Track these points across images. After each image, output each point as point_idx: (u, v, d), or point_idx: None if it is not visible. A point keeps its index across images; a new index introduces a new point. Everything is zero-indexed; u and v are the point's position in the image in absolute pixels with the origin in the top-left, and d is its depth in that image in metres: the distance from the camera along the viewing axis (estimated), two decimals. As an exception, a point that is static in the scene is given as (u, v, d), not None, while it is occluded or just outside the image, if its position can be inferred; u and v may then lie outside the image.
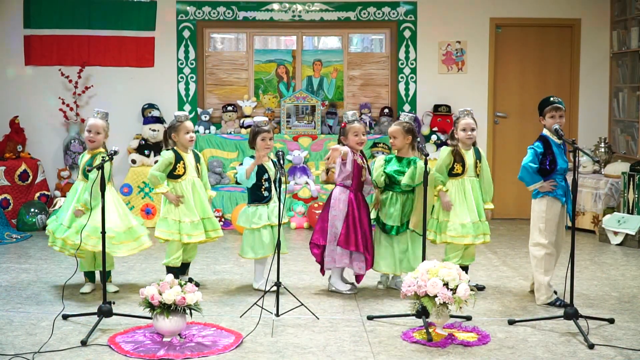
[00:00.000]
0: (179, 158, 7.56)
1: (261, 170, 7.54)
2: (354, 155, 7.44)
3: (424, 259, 6.62)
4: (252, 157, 7.57)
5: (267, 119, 8.12)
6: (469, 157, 7.60)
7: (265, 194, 7.61)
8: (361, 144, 7.55)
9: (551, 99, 7.23)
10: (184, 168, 7.57)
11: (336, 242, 7.44)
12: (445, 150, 7.58)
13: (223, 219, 11.19)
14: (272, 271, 6.92)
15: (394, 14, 12.09)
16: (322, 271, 7.69)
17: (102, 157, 6.63)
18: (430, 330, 6.09)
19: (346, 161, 7.36)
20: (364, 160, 7.55)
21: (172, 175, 7.58)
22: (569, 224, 6.91)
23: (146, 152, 11.44)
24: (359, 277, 7.65)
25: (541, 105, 7.31)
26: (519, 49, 12.21)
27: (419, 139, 7.97)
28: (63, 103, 11.68)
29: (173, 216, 7.52)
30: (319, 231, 7.57)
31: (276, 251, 6.80)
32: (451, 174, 7.56)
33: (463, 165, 7.53)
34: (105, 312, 6.30)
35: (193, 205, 7.58)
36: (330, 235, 7.48)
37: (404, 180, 7.37)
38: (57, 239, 7.37)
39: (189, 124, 7.60)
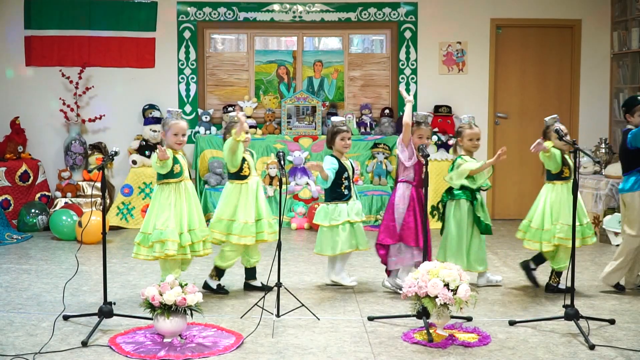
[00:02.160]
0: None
1: (341, 168, 7.59)
2: (415, 152, 7.51)
3: (425, 258, 6.63)
4: (333, 155, 7.60)
5: (343, 118, 8.17)
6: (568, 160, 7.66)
7: (345, 192, 7.64)
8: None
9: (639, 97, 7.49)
10: (248, 169, 7.44)
11: (401, 239, 7.48)
12: (556, 155, 7.55)
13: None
14: (273, 272, 6.92)
15: (394, 14, 12.09)
16: (388, 272, 7.72)
17: (103, 158, 6.59)
18: (430, 331, 6.09)
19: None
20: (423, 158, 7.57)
21: (239, 176, 7.42)
22: None
23: (147, 152, 11.44)
24: None
25: (630, 103, 7.50)
26: (519, 49, 12.21)
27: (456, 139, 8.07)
28: (64, 104, 11.68)
29: (227, 216, 7.41)
30: (385, 231, 7.60)
31: (277, 252, 6.79)
32: (560, 177, 7.57)
33: (569, 169, 7.55)
34: (105, 312, 6.30)
35: (252, 206, 7.42)
36: (396, 233, 7.53)
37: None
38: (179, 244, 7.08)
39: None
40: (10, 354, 5.66)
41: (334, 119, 7.92)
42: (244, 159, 7.40)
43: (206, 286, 7.56)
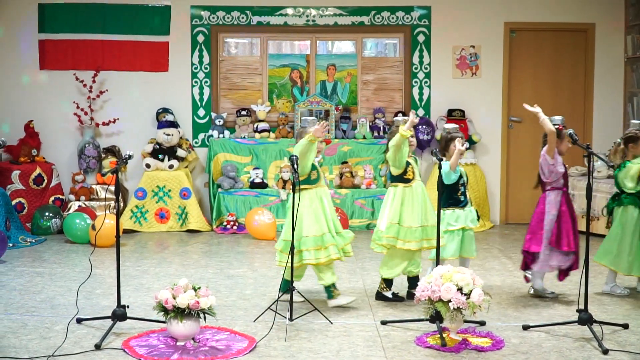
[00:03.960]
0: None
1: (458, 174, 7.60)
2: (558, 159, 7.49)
3: (438, 263, 6.62)
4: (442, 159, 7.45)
5: (456, 125, 8.08)
6: None
7: (462, 198, 7.62)
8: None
9: None
10: (412, 172, 7.40)
11: (549, 243, 7.45)
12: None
13: (237, 224, 11.21)
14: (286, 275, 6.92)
15: (408, 18, 12.08)
16: (527, 279, 7.74)
17: (117, 161, 6.61)
18: (444, 335, 6.08)
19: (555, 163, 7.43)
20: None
21: (403, 179, 7.36)
22: None
23: (160, 156, 11.46)
24: (561, 277, 7.66)
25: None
26: (533, 53, 12.18)
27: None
28: (77, 107, 11.72)
29: (394, 221, 7.30)
30: (532, 239, 7.54)
31: (290, 256, 6.78)
32: None
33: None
34: (119, 316, 6.31)
35: (418, 212, 7.32)
36: (545, 239, 7.47)
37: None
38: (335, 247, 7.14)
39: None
40: (24, 356, 5.68)
41: (447, 125, 7.87)
42: (408, 163, 7.31)
43: (380, 297, 7.52)
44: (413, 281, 7.48)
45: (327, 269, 7.17)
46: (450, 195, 7.58)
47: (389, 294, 7.49)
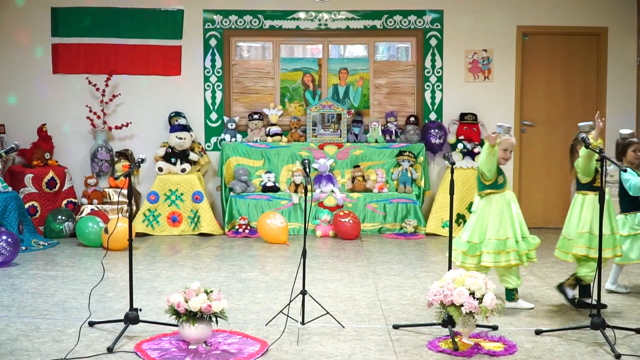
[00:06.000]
0: None
1: None
2: None
3: (450, 267, 6.62)
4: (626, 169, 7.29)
5: (632, 130, 8.00)
6: None
7: None
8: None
9: None
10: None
11: None
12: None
13: (249, 227, 11.22)
14: (298, 279, 6.92)
15: (420, 22, 12.08)
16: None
17: (130, 165, 6.61)
18: (456, 339, 6.07)
19: None
20: None
21: (591, 187, 7.25)
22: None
23: (172, 160, 11.47)
24: None
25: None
26: (545, 57, 12.16)
27: None
28: (90, 111, 11.76)
29: (586, 229, 7.21)
30: None
31: (302, 259, 6.78)
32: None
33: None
34: (131, 319, 6.32)
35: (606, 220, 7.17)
36: None
37: None
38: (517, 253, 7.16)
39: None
40: (37, 359, 5.69)
41: (622, 131, 7.80)
42: (596, 169, 7.20)
43: (562, 291, 7.46)
44: (586, 289, 7.41)
45: (512, 273, 7.22)
46: (633, 199, 7.59)
47: (570, 294, 7.39)
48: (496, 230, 7.12)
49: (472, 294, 5.92)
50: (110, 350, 5.90)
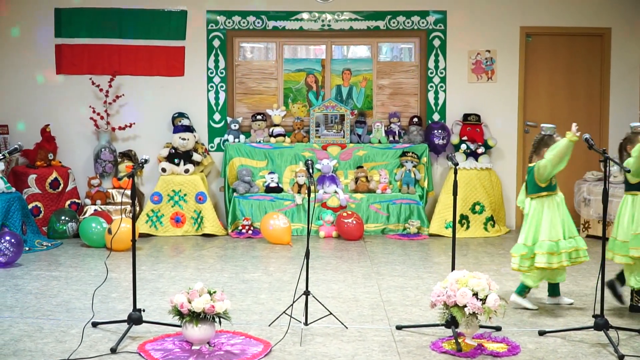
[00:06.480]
0: None
1: None
2: None
3: (453, 267, 6.61)
4: None
5: None
6: None
7: None
8: None
9: None
10: None
11: None
12: None
13: (252, 228, 11.22)
14: (301, 280, 6.92)
15: (423, 23, 12.08)
16: None
17: (133, 166, 6.62)
18: (459, 340, 6.06)
19: None
20: None
21: None
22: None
23: (176, 160, 11.47)
24: None
25: None
26: (549, 58, 12.16)
27: None
28: (94, 112, 11.76)
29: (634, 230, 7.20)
30: None
31: (305, 260, 6.78)
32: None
33: None
34: (135, 319, 6.33)
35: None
36: None
37: None
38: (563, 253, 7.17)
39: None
40: (40, 360, 5.71)
41: (633, 124, 7.69)
42: None
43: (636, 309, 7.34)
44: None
45: (539, 273, 7.26)
46: None
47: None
48: (549, 232, 7.14)
49: (476, 294, 5.92)
50: (113, 350, 5.90)
